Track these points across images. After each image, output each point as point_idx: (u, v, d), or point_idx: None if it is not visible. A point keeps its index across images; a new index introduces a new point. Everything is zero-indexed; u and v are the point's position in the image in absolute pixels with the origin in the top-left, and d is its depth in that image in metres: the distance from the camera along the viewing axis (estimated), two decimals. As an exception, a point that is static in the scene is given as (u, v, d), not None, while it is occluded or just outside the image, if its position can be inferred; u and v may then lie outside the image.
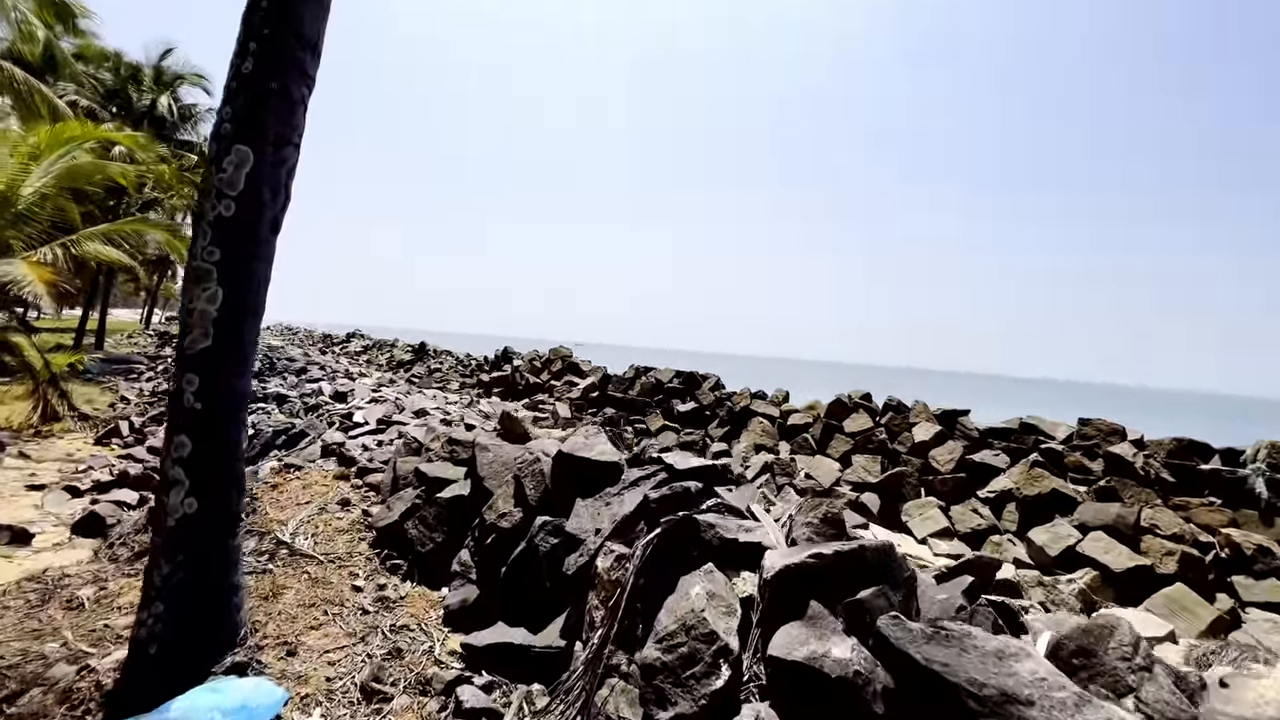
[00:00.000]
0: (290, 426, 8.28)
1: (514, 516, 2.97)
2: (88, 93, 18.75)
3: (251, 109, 2.49)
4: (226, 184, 2.44)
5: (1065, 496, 9.13)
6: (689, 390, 14.85)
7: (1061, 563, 8.31)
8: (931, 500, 9.85)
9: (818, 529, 2.60)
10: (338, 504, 4.28)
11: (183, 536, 2.42)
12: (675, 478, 2.78)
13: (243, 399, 2.60)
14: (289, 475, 5.17)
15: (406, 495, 3.69)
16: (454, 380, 20.67)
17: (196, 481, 2.43)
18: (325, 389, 9.55)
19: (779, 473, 11.35)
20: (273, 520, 4.16)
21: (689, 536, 2.35)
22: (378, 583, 3.19)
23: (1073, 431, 10.25)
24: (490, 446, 3.47)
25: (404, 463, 4.33)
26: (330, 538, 3.73)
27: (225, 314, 2.46)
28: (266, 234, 2.57)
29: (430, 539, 3.33)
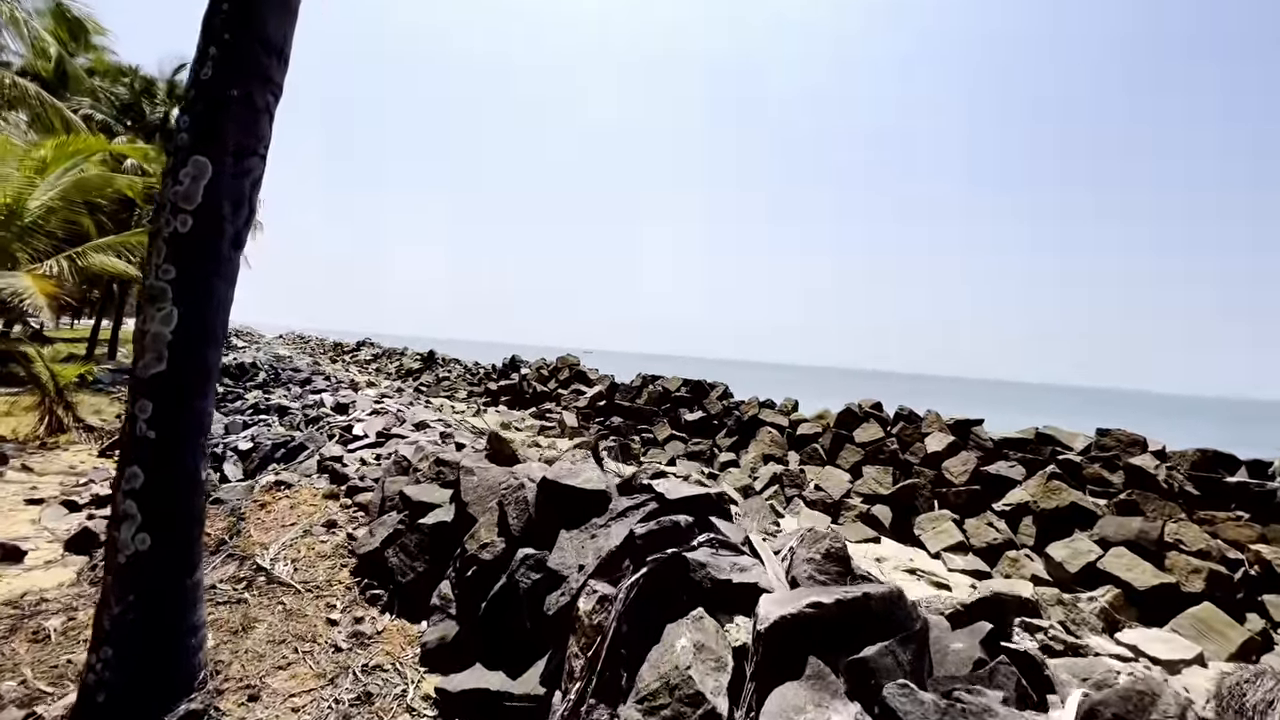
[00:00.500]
0: (290, 439, 8.16)
1: (496, 547, 2.78)
2: (104, 107, 18.96)
3: (210, 117, 2.33)
4: (183, 197, 2.27)
5: (1084, 510, 8.79)
6: (696, 399, 14.62)
7: (1082, 580, 7.98)
8: (945, 513, 9.55)
9: (820, 566, 2.38)
10: (323, 526, 4.11)
11: (134, 575, 2.25)
12: (666, 508, 2.57)
13: (202, 427, 2.42)
14: (278, 493, 5.02)
15: (389, 520, 3.50)
16: (462, 389, 20.58)
17: (150, 516, 2.26)
18: (327, 400, 9.43)
19: (788, 484, 11.08)
20: (255, 543, 4.00)
21: (678, 577, 2.14)
22: (355, 615, 3.00)
23: (1091, 442, 9.90)
24: (475, 470, 3.28)
25: (392, 483, 4.16)
26: (312, 563, 3.56)
27: (181, 336, 2.29)
28: (228, 251, 2.40)
29: (411, 568, 3.14)
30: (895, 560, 8.80)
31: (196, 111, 2.33)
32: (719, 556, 2.29)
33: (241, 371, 12.73)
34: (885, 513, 9.91)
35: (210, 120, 2.33)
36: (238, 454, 7.94)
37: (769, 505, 10.25)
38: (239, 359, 14.23)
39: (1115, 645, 6.88)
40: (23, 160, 9.14)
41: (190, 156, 2.29)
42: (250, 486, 6.45)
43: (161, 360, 2.26)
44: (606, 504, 2.65)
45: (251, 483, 6.80)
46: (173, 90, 19.19)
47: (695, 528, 2.39)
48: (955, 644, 2.09)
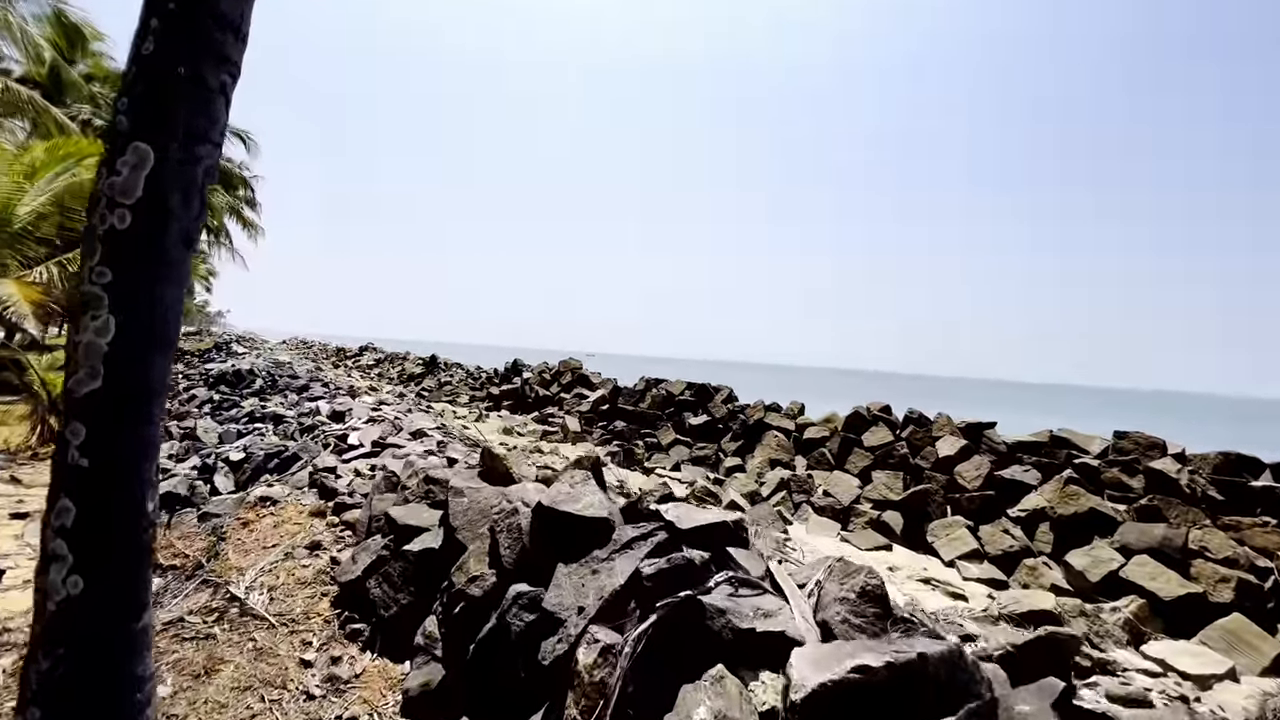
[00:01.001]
0: (283, 449, 7.86)
1: (486, 581, 2.46)
2: (104, 113, 18.71)
3: (154, 98, 2.01)
4: (120, 190, 1.95)
5: (1104, 516, 8.44)
6: (701, 403, 14.28)
7: (1103, 589, 7.62)
8: (959, 519, 9.20)
9: (855, 607, 2.05)
10: (306, 548, 3.80)
11: (66, 624, 1.93)
12: (676, 539, 2.25)
13: (147, 452, 2.11)
14: (263, 510, 4.70)
15: (373, 545, 3.19)
16: (464, 393, 20.27)
17: (84, 555, 1.94)
18: (323, 408, 9.13)
19: (796, 489, 10.74)
20: (233, 567, 3.69)
21: (693, 626, 1.82)
22: (331, 655, 2.69)
23: (1108, 445, 9.54)
24: (465, 490, 2.96)
25: (380, 500, 3.84)
26: (290, 592, 3.25)
27: (121, 348, 1.97)
28: (176, 250, 2.08)
29: (394, 601, 2.82)
30: (909, 569, 8.45)
31: (137, 93, 2.01)
32: (739, 599, 1.96)
33: (239, 379, 12.45)
34: (896, 519, 9.56)
35: (153, 102, 2.01)
36: (229, 465, 7.64)
37: (777, 512, 9.91)
38: (237, 366, 13.96)
39: (1142, 659, 6.52)
40: (11, 165, 8.88)
41: (130, 143, 1.97)
42: (240, 499, 6.15)
43: (96, 376, 1.94)
44: (609, 533, 2.33)
45: (242, 495, 6.49)
46: (172, 96, 18.86)
47: (711, 564, 2.07)
48: (1021, 706, 1.76)
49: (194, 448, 9.08)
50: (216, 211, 17.81)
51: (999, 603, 7.30)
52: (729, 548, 2.27)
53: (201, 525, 4.82)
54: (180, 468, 8.07)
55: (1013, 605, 7.15)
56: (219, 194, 18.93)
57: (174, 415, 10.77)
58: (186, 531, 4.62)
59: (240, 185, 22.63)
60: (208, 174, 2.17)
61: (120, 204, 1.96)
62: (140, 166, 1.97)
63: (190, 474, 7.69)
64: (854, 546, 9.06)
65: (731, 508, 10.48)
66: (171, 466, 8.08)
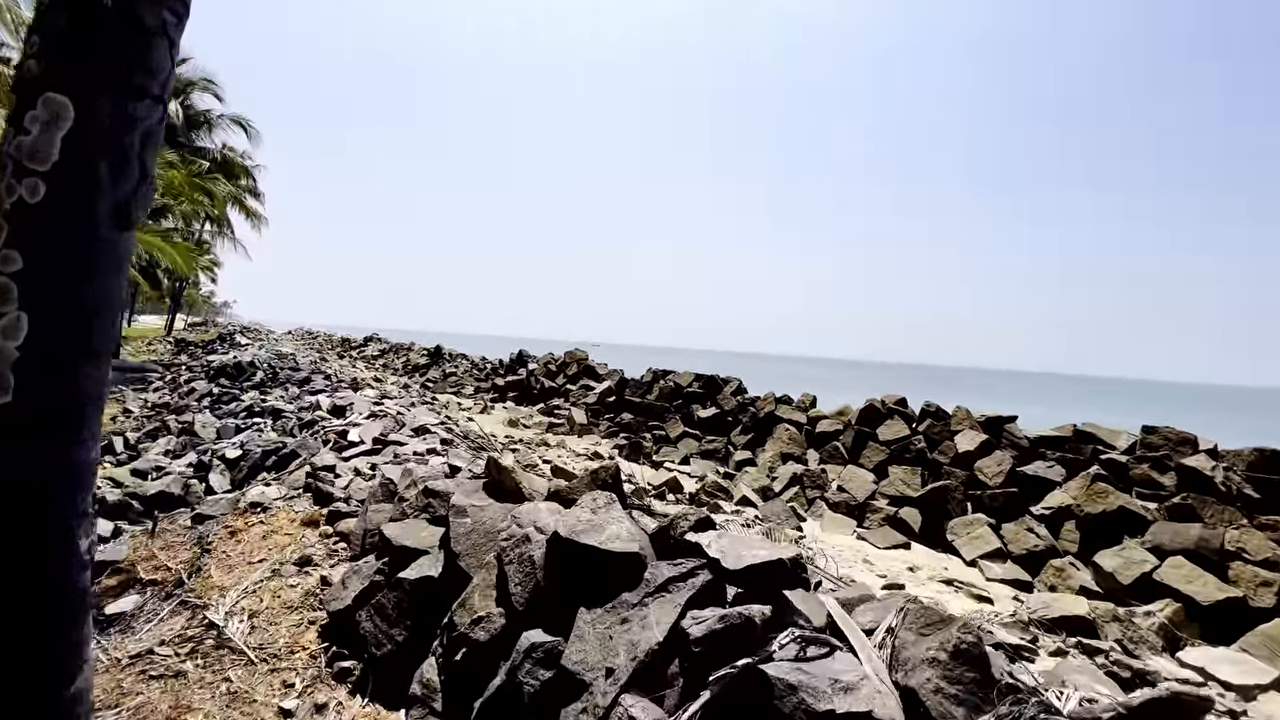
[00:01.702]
0: (281, 446, 7.48)
1: (493, 623, 2.06)
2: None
3: (74, 39, 1.59)
4: (29, 153, 1.54)
5: (1134, 515, 8.01)
6: (710, 395, 13.86)
7: (1135, 592, 7.22)
8: (980, 517, 8.78)
9: (949, 672, 1.63)
10: (296, 564, 3.42)
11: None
12: (721, 578, 1.84)
13: (79, 480, 1.71)
14: (252, 518, 4.32)
15: (365, 568, 2.79)
16: (469, 385, 19.89)
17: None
18: (323, 403, 8.74)
19: (809, 485, 10.34)
20: (214, 587, 3.30)
21: (758, 709, 1.42)
22: (316, 701, 2.30)
23: (1135, 440, 9.09)
24: (469, 509, 2.55)
25: (375, 512, 3.44)
26: (274, 618, 2.86)
27: (36, 353, 1.56)
28: (106, 229, 1.66)
29: (388, 637, 2.42)
30: (929, 569, 8.05)
31: (54, 31, 1.59)
32: (809, 664, 1.55)
33: (239, 371, 12.07)
34: (914, 516, 9.15)
35: (74, 43, 1.59)
36: (225, 462, 7.26)
37: (790, 508, 9.52)
38: (238, 358, 13.58)
39: (1179, 667, 6.12)
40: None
41: (42, 94, 1.55)
42: (235, 500, 5.78)
43: (5, 389, 1.53)
44: (640, 571, 1.92)
45: (237, 495, 6.13)
46: (171, 83, 18.38)
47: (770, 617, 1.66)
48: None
49: (191, 443, 8.70)
50: (219, 201, 17.35)
51: (1027, 606, 6.91)
52: (786, 591, 1.86)
53: (188, 534, 4.43)
54: (176, 465, 7.69)
55: (1042, 609, 6.76)
56: (221, 183, 18.47)
57: (173, 409, 10.41)
58: (171, 541, 4.25)
59: (242, 174, 22.16)
60: (148, 138, 1.74)
61: (30, 170, 1.54)
62: (55, 124, 1.55)
63: (186, 472, 7.32)
64: (871, 545, 8.66)
65: (744, 503, 10.10)
66: (167, 464, 7.70)
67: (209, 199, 16.80)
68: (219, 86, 18.90)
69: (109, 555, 4.15)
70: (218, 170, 19.56)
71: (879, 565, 7.96)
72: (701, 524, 2.16)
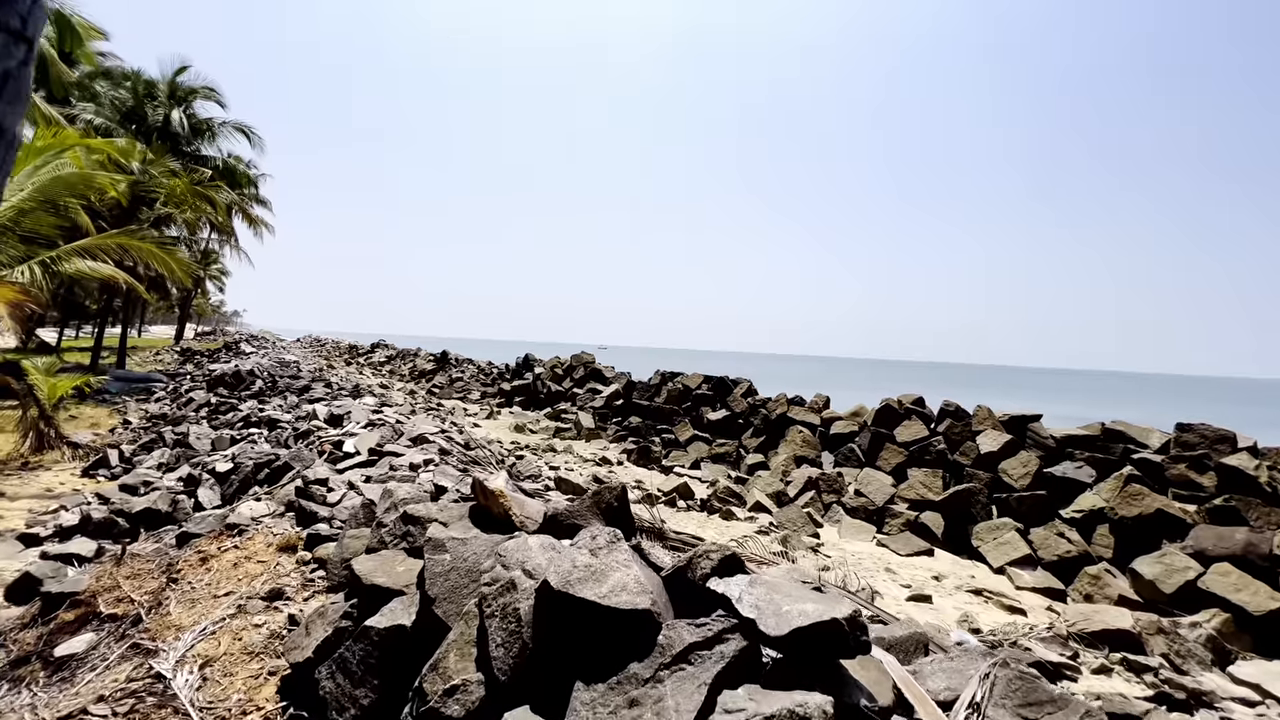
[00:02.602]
0: (274, 458, 7.08)
1: (470, 695, 1.64)
2: (106, 111, 18.06)
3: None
4: None
5: (1172, 518, 7.49)
6: (719, 397, 13.39)
7: (1178, 601, 6.70)
8: (1006, 521, 8.28)
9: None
10: (265, 597, 3.01)
11: None
12: (756, 642, 1.40)
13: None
14: (225, 542, 3.91)
15: (331, 610, 2.37)
16: (475, 390, 19.51)
17: None
18: (320, 412, 8.35)
19: (825, 489, 9.85)
20: (172, 625, 2.90)
21: None
22: (265, 781, 1.90)
23: (1169, 438, 8.56)
24: (448, 544, 2.12)
25: (352, 538, 3.03)
26: (231, 667, 2.45)
27: None
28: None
29: (351, 700, 2.00)
30: (955, 578, 7.56)
31: None
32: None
33: (238, 380, 11.72)
34: (937, 521, 8.66)
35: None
36: (215, 476, 6.88)
37: (806, 514, 9.05)
38: (238, 367, 13.24)
39: (1233, 684, 5.61)
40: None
41: None
42: (223, 516, 5.38)
43: None
44: (653, 633, 1.49)
45: (225, 511, 5.73)
46: (173, 91, 18.20)
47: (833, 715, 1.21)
48: None
49: (185, 455, 8.34)
50: (220, 208, 17.08)
51: (1065, 619, 6.39)
52: (844, 660, 1.41)
53: (159, 559, 4.03)
54: (166, 479, 7.32)
55: (1081, 622, 6.24)
56: (224, 191, 18.21)
57: (170, 420, 10.07)
58: (139, 568, 3.85)
59: (246, 182, 21.92)
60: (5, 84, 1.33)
61: None
62: None
63: (175, 486, 6.94)
64: (893, 552, 8.18)
65: (757, 509, 9.63)
66: (157, 478, 7.33)
67: (211, 207, 16.52)
68: (221, 94, 18.68)
69: (68, 585, 3.76)
70: (221, 178, 19.32)
71: (902, 574, 7.48)
72: (727, 565, 1.71)
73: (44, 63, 12.37)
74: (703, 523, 8.54)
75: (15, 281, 8.00)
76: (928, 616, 6.41)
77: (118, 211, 15.02)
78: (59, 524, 6.22)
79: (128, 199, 11.94)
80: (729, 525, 8.60)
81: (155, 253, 9.32)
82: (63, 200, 8.84)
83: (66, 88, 15.77)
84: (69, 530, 6.02)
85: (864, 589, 6.56)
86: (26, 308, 7.84)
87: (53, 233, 8.63)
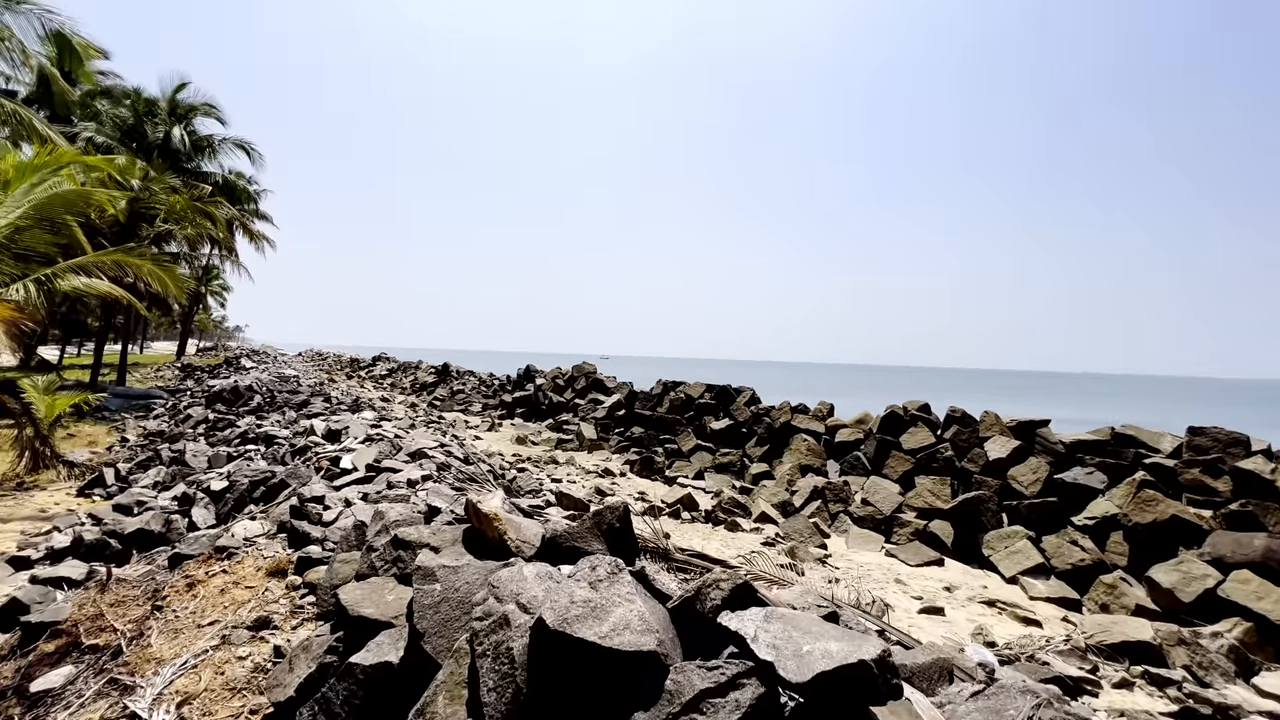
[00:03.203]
0: (270, 475, 6.93)
1: (461, 745, 1.49)
2: (107, 129, 18.08)
3: None
4: None
5: (1187, 524, 7.30)
6: (722, 406, 13.22)
7: (1198, 610, 6.50)
8: (1018, 529, 8.09)
9: None
10: (250, 627, 2.85)
11: None
12: (777, 687, 1.25)
13: None
14: (213, 566, 3.75)
15: (316, 643, 2.21)
16: (476, 402, 19.36)
17: None
18: (318, 427, 8.20)
19: (831, 498, 9.66)
20: (152, 658, 2.74)
21: None
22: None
23: (1181, 442, 8.38)
24: (438, 573, 1.97)
25: (342, 563, 2.87)
26: (210, 706, 2.29)
27: None
28: None
29: (335, 747, 1.85)
30: (967, 588, 7.37)
31: None
32: None
33: (236, 396, 11.58)
34: (946, 529, 8.46)
35: None
36: (210, 495, 6.72)
37: (813, 524, 8.86)
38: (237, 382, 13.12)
39: (1259, 696, 5.41)
40: (-18, 176, 8.07)
41: None
42: (217, 536, 5.22)
43: None
44: (660, 677, 1.34)
45: (220, 530, 5.58)
46: (174, 109, 18.22)
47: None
48: None
49: (181, 473, 8.18)
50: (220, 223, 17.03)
51: (1082, 630, 6.20)
52: (872, 706, 1.26)
53: (145, 584, 3.87)
54: (161, 499, 7.16)
55: (1099, 634, 6.04)
56: (223, 206, 18.18)
57: (167, 438, 9.92)
58: (124, 595, 3.69)
59: (246, 198, 21.91)
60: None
61: None
62: None
63: (169, 505, 6.78)
64: (903, 562, 7.98)
65: (763, 520, 9.43)
66: (151, 498, 7.17)
67: (211, 223, 16.47)
68: (221, 110, 18.70)
69: (49, 615, 3.60)
70: (222, 194, 19.30)
71: (912, 585, 7.29)
72: (739, 596, 1.56)
73: (46, 81, 12.36)
74: (708, 535, 8.35)
75: (10, 300, 7.89)
76: (941, 629, 6.21)
77: (117, 228, 14.96)
78: (51, 546, 6.06)
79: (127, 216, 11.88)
80: (734, 537, 8.41)
81: (153, 270, 9.22)
82: (60, 218, 8.75)
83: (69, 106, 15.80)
84: (60, 552, 5.85)
85: (875, 602, 6.37)
86: (22, 325, 7.72)
87: (50, 250, 8.54)
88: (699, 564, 2.81)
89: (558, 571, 1.86)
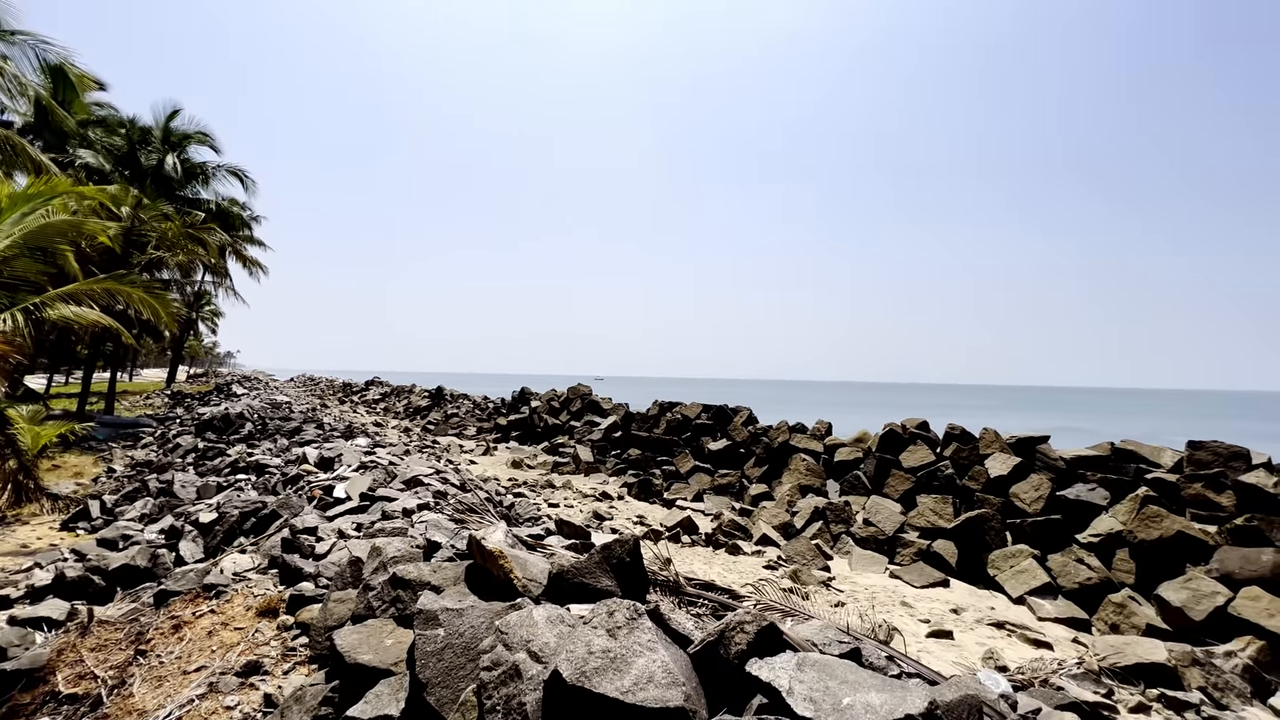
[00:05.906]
0: (261, 506, 6.74)
1: (469, 813, 1.36)
2: (102, 158, 18.05)
3: None
4: None
5: (1193, 540, 7.21)
6: (720, 426, 13.11)
7: (1209, 629, 6.38)
8: (1023, 548, 7.96)
9: None
10: (239, 673, 2.69)
11: None
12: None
13: None
14: (201, 605, 3.58)
15: (310, 694, 2.07)
16: (471, 425, 19.14)
17: None
18: (310, 455, 8.02)
19: (833, 519, 9.52)
20: (132, 710, 2.57)
21: None
22: None
23: (1182, 457, 8.33)
24: (441, 616, 1.85)
25: (337, 602, 2.73)
26: (196, 763, 2.13)
27: None
28: None
29: (331, 810, 1.70)
30: (974, 610, 7.21)
31: None
32: None
33: (226, 424, 11.36)
34: (950, 549, 8.33)
35: None
36: (198, 527, 6.51)
37: (815, 546, 8.71)
38: (228, 410, 12.89)
39: (1276, 717, 5.30)
40: (-30, 206, 7.95)
41: None
42: (205, 571, 5.03)
43: None
44: (689, 736, 1.23)
45: (208, 565, 5.38)
46: (167, 136, 18.24)
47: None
48: None
49: (169, 505, 7.96)
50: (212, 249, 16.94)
51: (1094, 652, 6.05)
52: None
53: (129, 626, 3.69)
54: (148, 532, 6.94)
55: (1112, 656, 5.89)
56: (216, 233, 18.11)
57: (155, 468, 9.69)
58: (106, 639, 3.50)
59: (240, 224, 21.86)
60: None
61: None
62: None
63: (156, 539, 6.56)
64: (908, 584, 7.83)
65: (765, 542, 9.26)
66: (137, 531, 6.95)
67: (204, 249, 16.37)
68: (215, 139, 18.74)
69: (26, 662, 3.41)
70: (215, 220, 19.25)
71: (919, 608, 7.13)
72: (765, 640, 1.45)
73: (42, 111, 12.34)
74: (709, 559, 8.18)
75: (0, 330, 7.72)
76: (951, 654, 6.05)
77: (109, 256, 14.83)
78: (31, 584, 5.84)
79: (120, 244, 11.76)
80: (736, 560, 8.24)
81: (144, 298, 9.08)
82: (52, 246, 8.62)
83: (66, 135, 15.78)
84: (41, 590, 5.63)
85: (882, 626, 6.22)
86: (11, 359, 7.54)
87: (39, 279, 8.40)
88: (710, 597, 2.69)
89: (569, 614, 1.75)
